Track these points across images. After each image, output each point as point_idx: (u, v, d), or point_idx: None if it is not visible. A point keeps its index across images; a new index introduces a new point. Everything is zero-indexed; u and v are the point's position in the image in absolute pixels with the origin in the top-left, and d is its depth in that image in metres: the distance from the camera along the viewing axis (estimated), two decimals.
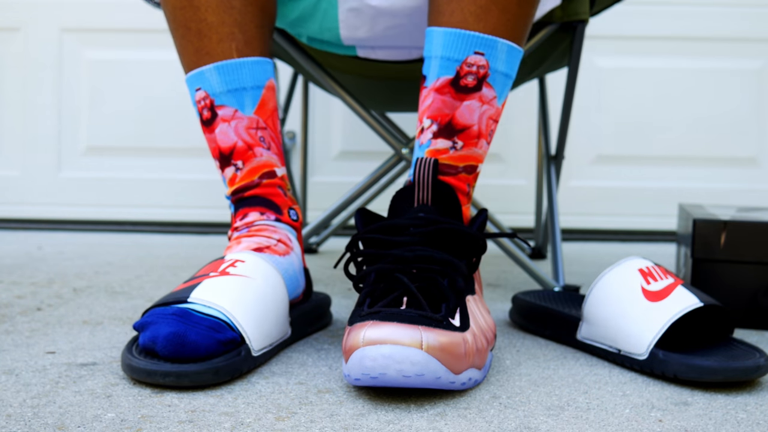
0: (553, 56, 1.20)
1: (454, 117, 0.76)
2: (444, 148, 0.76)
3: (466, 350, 0.64)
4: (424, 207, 0.72)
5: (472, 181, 0.79)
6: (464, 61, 0.75)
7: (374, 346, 0.59)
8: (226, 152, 0.85)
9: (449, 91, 0.76)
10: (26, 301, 1.03)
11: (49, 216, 1.95)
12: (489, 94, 0.76)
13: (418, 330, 0.60)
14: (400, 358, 0.59)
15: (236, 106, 0.84)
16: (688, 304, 0.73)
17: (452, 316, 0.65)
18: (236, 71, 0.84)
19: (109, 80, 1.94)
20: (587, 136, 1.91)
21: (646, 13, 1.90)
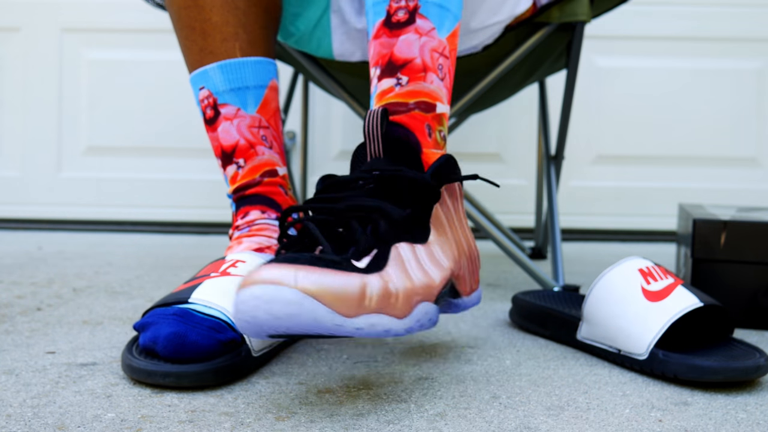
0: (552, 57, 1.20)
1: (393, 54, 0.73)
2: (389, 87, 0.73)
3: (365, 293, 0.57)
4: (377, 160, 0.69)
5: (434, 122, 0.73)
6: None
7: (247, 288, 0.55)
8: (228, 150, 0.86)
9: (384, 31, 0.74)
10: (26, 301, 1.03)
11: (49, 216, 1.95)
12: (425, 26, 0.74)
13: (293, 269, 0.55)
14: (270, 297, 0.54)
15: (239, 105, 0.85)
16: (688, 304, 0.73)
17: (357, 258, 0.60)
18: (239, 70, 0.85)
19: (109, 80, 1.94)
20: (587, 136, 1.91)
21: (646, 13, 1.90)
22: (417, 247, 0.66)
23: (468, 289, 0.75)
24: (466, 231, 0.76)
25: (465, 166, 1.89)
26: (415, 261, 0.64)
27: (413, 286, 0.62)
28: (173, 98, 1.93)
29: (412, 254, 0.64)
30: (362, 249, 0.61)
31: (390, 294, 0.60)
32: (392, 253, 0.63)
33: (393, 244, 0.63)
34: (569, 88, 1.20)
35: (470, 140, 1.91)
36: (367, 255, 0.61)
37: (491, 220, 1.58)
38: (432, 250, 0.67)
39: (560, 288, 1.08)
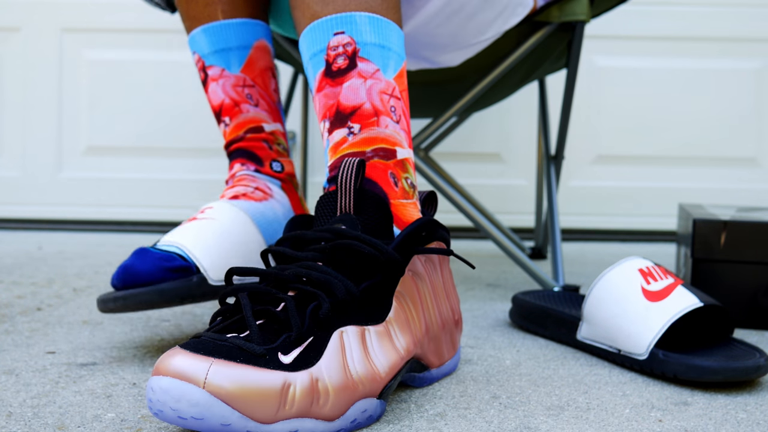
0: (553, 57, 1.20)
1: (339, 103, 0.69)
2: (341, 138, 0.69)
3: (286, 395, 0.51)
4: (345, 216, 0.63)
5: (396, 169, 0.68)
6: (327, 46, 0.70)
7: (158, 377, 0.50)
8: (217, 109, 0.91)
9: (326, 82, 0.70)
10: (26, 301, 1.03)
11: (49, 216, 1.95)
12: (368, 68, 0.69)
13: (207, 363, 0.50)
14: (177, 395, 0.49)
15: (223, 65, 0.89)
16: (688, 304, 0.73)
17: (287, 350, 0.53)
18: (221, 32, 0.89)
19: (109, 80, 1.94)
20: (587, 136, 1.91)
21: (646, 13, 1.90)
22: (368, 331, 0.59)
23: (438, 362, 0.69)
24: (445, 299, 0.70)
25: (465, 166, 1.89)
26: (361, 349, 0.57)
27: (352, 383, 0.55)
28: (173, 98, 1.93)
29: (359, 341, 0.58)
30: (294, 338, 0.54)
31: (318, 395, 0.53)
32: (332, 341, 0.56)
33: (336, 329, 0.57)
34: (569, 88, 1.20)
35: (470, 140, 1.91)
36: (299, 345, 0.54)
37: (491, 220, 1.58)
38: (389, 331, 0.61)
39: (560, 288, 1.08)
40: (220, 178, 1.93)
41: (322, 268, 0.59)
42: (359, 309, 0.59)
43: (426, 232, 0.66)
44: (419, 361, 0.66)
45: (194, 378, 0.49)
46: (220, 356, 0.50)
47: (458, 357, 0.73)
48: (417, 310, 0.65)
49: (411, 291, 0.64)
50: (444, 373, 0.71)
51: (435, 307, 0.68)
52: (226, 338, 0.52)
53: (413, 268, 0.65)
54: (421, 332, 0.65)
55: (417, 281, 0.65)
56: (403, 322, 0.63)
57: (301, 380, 0.52)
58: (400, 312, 0.62)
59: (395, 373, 0.60)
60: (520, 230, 1.82)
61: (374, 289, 0.61)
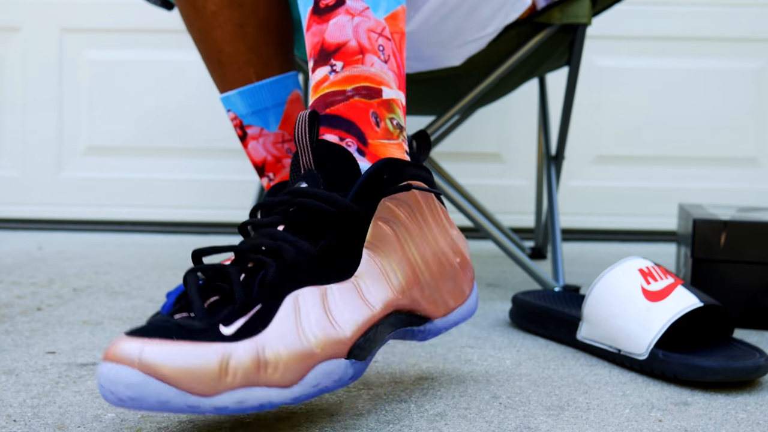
0: (554, 57, 1.20)
1: (324, 40, 0.66)
2: (323, 76, 0.65)
3: (227, 367, 0.49)
4: (308, 173, 0.60)
5: (381, 108, 0.65)
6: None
7: (101, 364, 0.49)
8: (259, 165, 0.95)
9: (314, 20, 0.67)
10: (26, 301, 1.03)
11: (49, 216, 1.95)
12: (357, 6, 0.66)
13: (141, 343, 0.49)
14: (114, 378, 0.48)
15: (261, 125, 0.93)
16: (688, 304, 0.73)
17: (228, 322, 0.52)
18: (257, 94, 0.92)
19: (109, 80, 1.94)
20: (587, 136, 1.91)
21: (646, 13, 1.90)
22: (330, 289, 0.56)
23: (441, 311, 0.65)
24: (438, 241, 0.66)
25: (465, 166, 1.89)
26: (321, 311, 0.55)
27: (306, 347, 0.53)
28: (173, 98, 1.93)
29: (319, 302, 0.55)
30: (237, 307, 0.52)
31: (265, 363, 0.51)
32: (284, 306, 0.53)
33: (290, 293, 0.54)
34: (570, 89, 1.20)
35: (470, 140, 1.91)
36: (244, 315, 0.52)
37: (491, 220, 1.58)
38: (357, 286, 0.58)
39: (560, 288, 1.08)
40: (221, 178, 1.93)
41: (278, 233, 0.57)
42: (320, 269, 0.56)
43: (389, 174, 0.61)
44: (413, 314, 0.62)
45: (128, 359, 0.48)
46: (156, 336, 0.49)
47: (472, 303, 0.68)
48: (396, 258, 0.61)
49: (385, 239, 0.60)
50: (454, 322, 0.66)
51: (424, 249, 0.63)
52: (171, 319, 0.51)
53: (383, 214, 0.60)
54: (407, 281, 0.61)
55: (392, 226, 0.61)
56: (377, 274, 0.59)
57: (243, 349, 0.50)
58: (372, 264, 0.59)
59: (366, 329, 0.56)
60: (520, 230, 1.82)
61: (336, 245, 0.58)
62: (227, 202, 1.94)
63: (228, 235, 1.91)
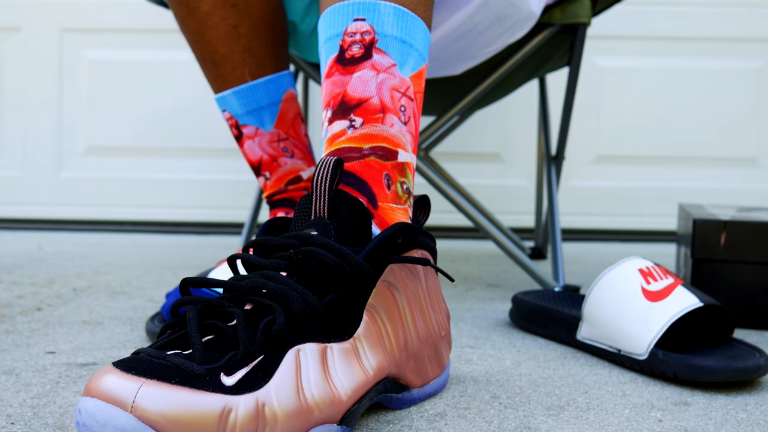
0: (555, 57, 1.20)
1: (346, 93, 0.64)
2: (340, 129, 0.63)
3: (226, 422, 0.46)
4: (319, 221, 0.58)
5: (394, 172, 0.63)
6: (345, 32, 0.65)
7: (85, 399, 0.46)
8: (255, 164, 0.95)
9: (336, 68, 0.65)
10: (26, 301, 1.03)
11: (49, 216, 1.95)
12: (384, 61, 0.64)
13: (137, 384, 0.45)
14: (103, 419, 0.45)
15: (257, 124, 0.94)
16: (688, 304, 0.73)
17: (231, 371, 0.48)
18: (252, 94, 0.92)
19: (109, 80, 1.94)
20: (587, 136, 1.91)
21: (646, 13, 1.90)
22: (331, 349, 0.53)
23: (420, 381, 0.64)
24: (429, 313, 0.64)
25: (465, 166, 1.89)
26: (320, 370, 0.52)
27: (306, 408, 0.50)
28: (173, 98, 1.93)
29: (319, 360, 0.52)
30: (240, 357, 0.49)
31: (264, 421, 0.48)
32: (286, 360, 0.50)
33: (292, 347, 0.51)
34: (570, 89, 1.20)
35: (470, 140, 1.91)
36: (246, 365, 0.49)
37: (491, 220, 1.58)
38: (356, 349, 0.55)
39: (560, 288, 1.08)
40: (220, 178, 1.93)
41: (282, 278, 0.54)
42: (322, 324, 0.54)
43: (403, 239, 0.60)
44: (397, 381, 0.61)
45: (121, 401, 0.44)
46: (153, 376, 0.46)
47: (446, 376, 0.67)
48: (393, 325, 0.59)
49: (386, 303, 0.58)
50: (427, 393, 0.65)
51: (417, 320, 0.62)
52: (165, 356, 0.48)
53: (389, 278, 0.59)
54: (398, 349, 0.59)
55: (393, 292, 0.59)
56: (375, 338, 0.57)
57: (244, 405, 0.47)
58: (371, 327, 0.57)
59: (360, 395, 0.54)
60: (520, 230, 1.82)
61: (341, 302, 0.55)
62: (227, 202, 1.94)
63: (227, 235, 1.91)
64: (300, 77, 1.56)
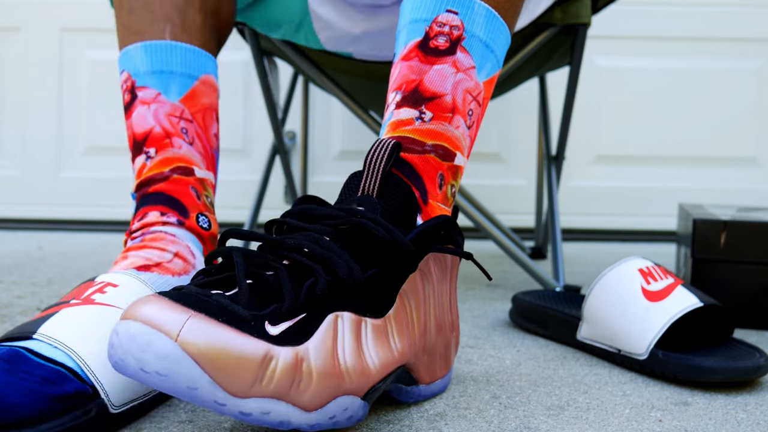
0: (556, 57, 1.20)
1: (422, 82, 0.62)
2: (409, 118, 0.62)
3: (266, 369, 0.46)
4: (366, 198, 0.58)
5: (448, 173, 0.63)
6: (434, 20, 0.63)
7: (126, 321, 0.44)
8: (140, 138, 0.75)
9: (417, 54, 0.63)
10: (26, 301, 1.03)
11: (49, 216, 1.95)
12: (465, 61, 0.63)
13: (185, 315, 0.44)
14: (144, 343, 0.43)
15: (159, 89, 0.75)
16: (688, 304, 0.73)
17: (275, 321, 0.48)
18: (164, 53, 0.75)
19: (109, 80, 1.94)
20: (587, 136, 1.91)
21: (646, 13, 1.90)
22: (366, 322, 0.54)
23: (428, 378, 0.64)
24: (448, 311, 0.65)
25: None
26: (354, 340, 0.52)
27: (338, 372, 0.50)
28: None
29: (354, 330, 0.52)
30: (285, 310, 0.49)
31: (300, 376, 0.47)
32: (326, 323, 0.50)
33: (332, 312, 0.51)
34: (571, 89, 1.20)
35: None
36: (289, 319, 0.49)
37: (491, 220, 1.58)
38: (386, 328, 0.56)
39: (561, 288, 1.08)
40: (220, 177, 1.93)
41: (327, 243, 0.53)
42: (360, 297, 0.54)
43: (444, 232, 0.61)
44: (409, 372, 0.61)
45: (167, 328, 0.43)
46: (201, 310, 0.45)
47: (449, 377, 0.68)
48: (418, 313, 0.60)
49: (416, 292, 0.59)
50: (433, 392, 0.65)
51: (436, 315, 0.63)
52: (211, 294, 0.47)
53: (424, 267, 0.60)
54: (418, 338, 0.60)
55: (424, 282, 0.60)
56: (402, 322, 0.57)
57: (284, 356, 0.47)
58: (401, 311, 0.57)
59: (387, 373, 0.55)
60: (520, 230, 1.82)
61: (380, 278, 0.55)
62: (227, 202, 1.94)
63: None
64: (300, 79, 1.56)
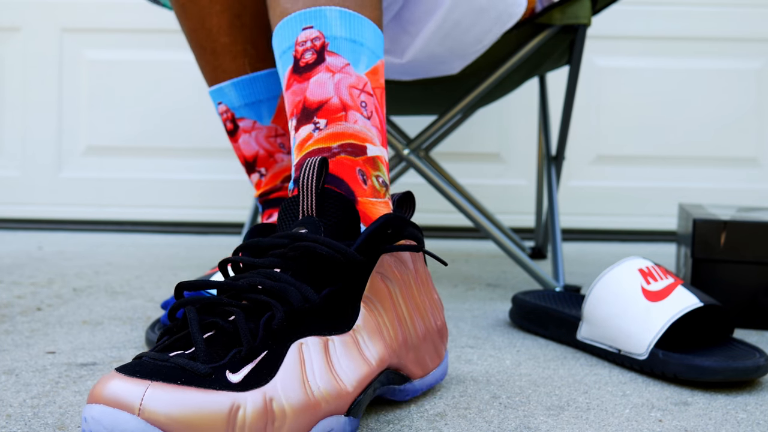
0: (554, 57, 1.20)
1: (306, 98, 0.65)
2: (307, 134, 0.65)
3: (235, 419, 0.46)
4: (307, 219, 0.58)
5: (366, 166, 0.64)
6: (296, 42, 0.67)
7: (90, 406, 0.45)
8: (250, 159, 0.92)
9: (294, 78, 0.67)
10: (26, 301, 1.03)
11: (49, 216, 1.95)
12: (337, 62, 0.66)
13: (143, 387, 0.45)
14: (110, 424, 0.44)
15: (255, 118, 0.90)
16: (688, 304, 0.73)
17: (236, 368, 0.48)
18: (251, 86, 0.89)
19: (109, 80, 1.94)
20: (587, 136, 1.91)
21: (646, 13, 1.90)
22: (332, 341, 0.54)
23: (421, 372, 0.64)
24: (424, 304, 0.65)
25: (465, 166, 1.89)
26: (324, 362, 0.52)
27: (313, 400, 0.50)
28: (173, 98, 1.93)
29: (322, 353, 0.52)
30: (244, 354, 0.49)
31: (273, 416, 0.48)
32: (290, 354, 0.51)
33: (294, 341, 0.52)
34: (571, 89, 1.20)
35: (470, 140, 1.91)
36: (251, 361, 0.49)
37: (491, 220, 1.58)
38: (356, 340, 0.56)
39: (561, 288, 1.08)
40: (220, 178, 1.93)
41: (278, 275, 0.54)
42: (321, 318, 0.54)
43: (392, 230, 0.60)
44: (398, 372, 0.61)
45: (128, 404, 0.44)
46: (159, 378, 0.45)
47: (445, 366, 0.68)
48: (389, 315, 0.60)
49: (381, 294, 0.59)
50: (428, 384, 0.65)
51: (411, 311, 0.63)
52: (168, 357, 0.47)
53: (381, 269, 0.59)
54: (397, 339, 0.60)
55: (387, 283, 0.60)
56: (373, 329, 0.57)
57: (252, 401, 0.47)
58: (369, 318, 0.57)
59: (365, 386, 0.55)
60: (520, 230, 1.82)
61: (338, 295, 0.56)
62: (227, 202, 1.94)
63: (227, 235, 1.91)
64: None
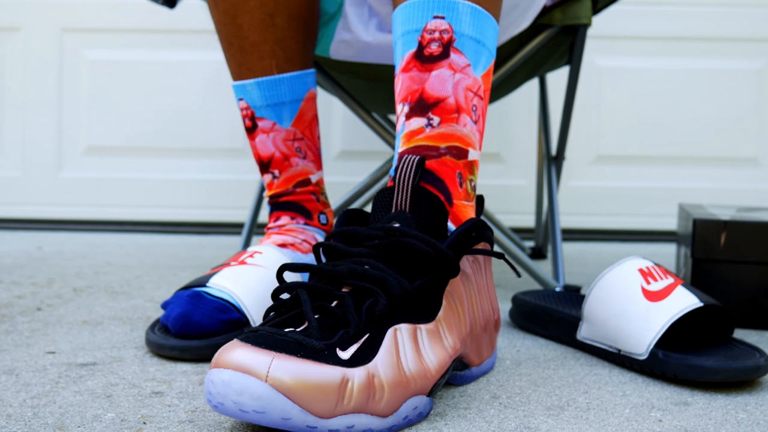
0: (555, 57, 1.20)
1: (424, 90, 0.67)
2: (419, 127, 0.67)
3: (345, 390, 0.52)
4: (400, 214, 0.63)
5: (465, 170, 0.68)
6: (424, 28, 0.67)
7: (219, 370, 0.51)
8: (265, 160, 0.93)
9: (414, 64, 0.68)
10: (26, 301, 1.03)
11: (49, 216, 1.95)
12: (460, 61, 0.67)
13: (269, 357, 0.51)
14: (239, 388, 0.50)
15: (275, 120, 0.91)
16: (688, 304, 0.73)
17: (345, 346, 0.54)
18: (275, 87, 0.89)
19: (109, 80, 1.94)
20: (587, 136, 1.91)
21: (646, 13, 1.90)
22: (420, 329, 0.60)
23: (478, 360, 0.70)
24: (488, 299, 0.71)
25: None
26: (413, 347, 0.58)
27: (405, 379, 0.56)
28: (173, 98, 1.93)
29: (412, 338, 0.59)
30: (352, 334, 0.55)
31: (374, 390, 0.54)
32: (387, 338, 0.57)
33: (391, 327, 0.58)
34: (571, 89, 1.20)
35: None
36: (356, 342, 0.55)
37: (491, 220, 1.58)
38: (438, 329, 0.62)
39: (561, 288, 1.08)
40: (221, 178, 1.93)
41: (376, 264, 0.59)
42: (412, 307, 0.60)
43: (475, 233, 0.66)
44: (462, 360, 0.67)
45: (256, 371, 0.50)
46: (281, 350, 0.51)
47: (495, 355, 0.74)
48: (463, 310, 0.65)
49: (459, 291, 0.65)
50: (483, 371, 0.71)
51: (479, 306, 0.68)
52: (285, 333, 0.53)
53: (462, 267, 0.65)
54: (467, 331, 0.66)
55: (464, 281, 0.66)
56: (452, 321, 0.63)
57: (358, 376, 0.53)
58: (449, 311, 0.63)
59: (444, 371, 0.61)
60: (520, 230, 1.82)
61: (427, 287, 0.61)
62: (227, 202, 1.94)
63: (227, 235, 1.91)
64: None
